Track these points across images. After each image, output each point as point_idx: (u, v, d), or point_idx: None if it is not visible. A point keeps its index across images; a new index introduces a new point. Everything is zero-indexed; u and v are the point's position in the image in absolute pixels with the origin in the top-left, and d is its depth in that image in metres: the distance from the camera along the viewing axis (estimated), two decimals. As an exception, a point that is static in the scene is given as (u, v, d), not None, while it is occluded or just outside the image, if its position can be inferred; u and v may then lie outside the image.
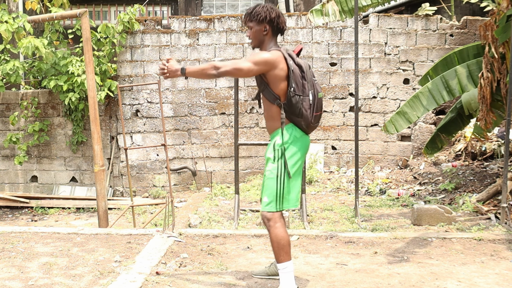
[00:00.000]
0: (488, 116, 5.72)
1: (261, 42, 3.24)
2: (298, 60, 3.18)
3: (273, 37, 3.24)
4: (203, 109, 8.77)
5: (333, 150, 8.79)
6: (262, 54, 3.11)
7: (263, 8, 3.19)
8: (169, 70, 3.16)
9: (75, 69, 8.09)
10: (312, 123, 3.17)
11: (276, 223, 3.06)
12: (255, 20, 3.19)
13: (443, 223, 5.36)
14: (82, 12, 5.95)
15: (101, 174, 5.98)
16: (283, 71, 3.10)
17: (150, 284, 3.41)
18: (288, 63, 3.12)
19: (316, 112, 3.18)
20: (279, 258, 3.06)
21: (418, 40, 8.58)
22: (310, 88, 3.13)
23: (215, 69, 3.09)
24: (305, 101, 3.11)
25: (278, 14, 3.21)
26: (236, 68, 3.09)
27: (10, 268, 3.75)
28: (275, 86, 3.12)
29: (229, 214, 6.29)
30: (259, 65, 3.07)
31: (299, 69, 3.14)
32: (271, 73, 3.10)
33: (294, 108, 3.10)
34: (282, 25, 3.23)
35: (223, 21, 8.72)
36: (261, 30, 3.20)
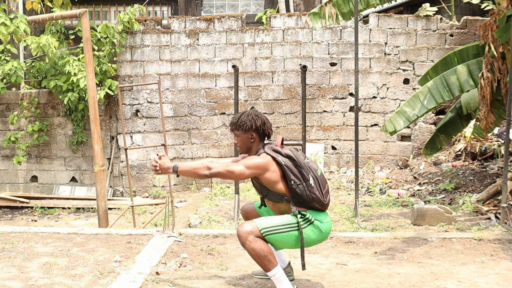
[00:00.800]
0: (489, 116, 5.71)
1: (249, 148, 3.28)
2: (285, 152, 3.18)
3: (261, 141, 3.28)
4: (203, 109, 8.77)
5: (333, 150, 8.79)
6: (254, 159, 3.13)
7: (248, 117, 3.23)
8: (161, 168, 3.17)
9: (72, 69, 8.09)
10: (324, 201, 3.18)
11: (249, 238, 3.04)
12: (241, 129, 3.23)
13: (443, 223, 5.36)
14: (82, 12, 5.95)
15: (101, 174, 5.98)
16: (275, 172, 3.13)
17: (150, 284, 3.41)
18: (278, 161, 3.13)
19: (324, 189, 3.19)
20: (265, 268, 3.06)
21: (418, 40, 8.58)
22: (308, 171, 3.14)
23: (207, 170, 3.11)
24: (309, 186, 3.12)
25: (263, 121, 3.25)
26: (229, 170, 3.11)
27: (10, 268, 3.75)
28: (275, 187, 3.15)
29: (229, 214, 6.28)
30: (251, 169, 3.10)
31: (290, 160, 3.15)
32: (264, 176, 3.12)
33: (303, 197, 3.12)
34: (268, 131, 3.27)
35: (223, 21, 8.72)
36: (248, 138, 3.24)
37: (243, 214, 3.56)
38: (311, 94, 8.70)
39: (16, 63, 8.21)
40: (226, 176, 3.15)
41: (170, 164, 3.17)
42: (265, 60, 8.72)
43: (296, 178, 3.12)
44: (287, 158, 3.16)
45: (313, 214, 3.17)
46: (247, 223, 3.09)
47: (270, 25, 8.72)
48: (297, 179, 3.12)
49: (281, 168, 3.13)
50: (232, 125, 3.28)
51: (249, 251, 3.05)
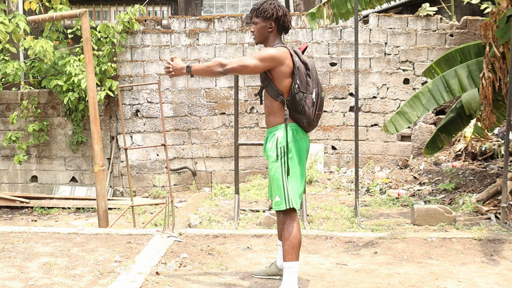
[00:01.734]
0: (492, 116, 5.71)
1: (266, 38, 3.23)
2: (304, 58, 3.18)
3: (278, 34, 3.23)
4: (203, 109, 8.77)
5: (333, 150, 8.79)
6: (268, 50, 3.09)
7: (271, 5, 3.18)
8: (175, 69, 3.14)
9: (72, 69, 8.09)
10: (313, 121, 3.17)
11: (291, 222, 3.07)
12: (262, 16, 3.17)
13: (443, 223, 5.36)
14: (82, 12, 5.95)
15: (101, 174, 5.98)
16: (288, 67, 3.10)
17: (150, 284, 3.41)
18: (293, 60, 3.11)
19: (319, 110, 3.18)
20: (287, 256, 3.07)
21: (418, 40, 8.58)
22: (315, 86, 3.13)
23: (221, 66, 3.06)
24: (308, 99, 3.10)
25: (285, 13, 3.20)
26: (242, 65, 3.07)
27: (10, 268, 3.75)
28: (280, 82, 3.11)
29: (229, 214, 6.29)
30: (265, 62, 3.06)
31: (304, 66, 3.14)
32: (277, 69, 3.09)
33: (297, 105, 3.10)
34: (287, 24, 3.22)
35: (223, 21, 8.72)
36: (266, 27, 3.19)
37: None
38: (311, 94, 8.69)
39: (16, 63, 8.22)
40: (241, 71, 3.10)
41: (183, 64, 3.13)
42: (265, 60, 8.70)
43: (301, 84, 3.09)
44: (303, 64, 3.14)
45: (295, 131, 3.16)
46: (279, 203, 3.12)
47: (270, 25, 8.71)
48: (302, 86, 3.10)
49: (293, 68, 3.09)
50: (253, 12, 3.21)
51: (284, 234, 3.09)
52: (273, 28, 3.19)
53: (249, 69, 3.08)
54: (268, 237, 4.59)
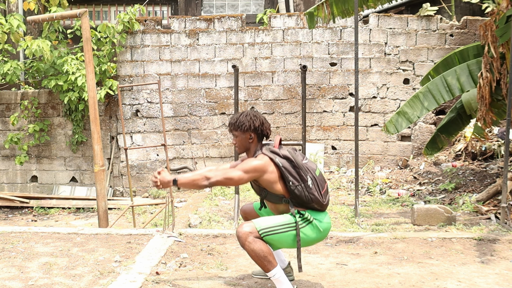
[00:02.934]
0: (487, 116, 5.72)
1: (247, 149, 3.27)
2: (283, 152, 3.17)
3: (259, 142, 3.27)
4: (203, 109, 8.77)
5: (333, 150, 8.79)
6: (251, 162, 3.12)
7: (247, 117, 3.22)
8: (162, 182, 3.18)
9: (70, 68, 8.09)
10: (323, 202, 3.18)
11: (248, 239, 3.04)
12: (240, 129, 3.22)
13: (443, 223, 5.36)
14: (82, 12, 5.95)
15: (101, 174, 5.97)
16: (274, 173, 3.12)
17: (150, 284, 3.41)
18: (276, 163, 3.12)
19: (322, 189, 3.19)
20: (264, 268, 3.06)
21: (418, 40, 8.58)
22: (306, 172, 3.14)
23: (206, 180, 3.11)
24: (308, 186, 3.12)
25: (261, 122, 3.23)
26: (227, 177, 3.11)
27: (10, 268, 3.75)
28: (274, 188, 3.14)
29: (229, 214, 6.28)
30: (249, 173, 3.10)
31: (287, 161, 3.14)
32: (263, 178, 3.12)
33: (302, 198, 3.12)
34: (266, 131, 3.26)
35: (223, 21, 8.72)
36: (246, 138, 3.24)
37: (242, 215, 3.56)
38: (311, 94, 8.70)
39: (14, 63, 8.22)
40: (226, 183, 3.16)
41: (169, 177, 3.18)
42: (265, 60, 8.72)
43: (294, 179, 3.12)
44: (284, 159, 3.15)
45: (312, 214, 3.17)
46: (246, 223, 3.09)
47: (270, 25, 8.72)
48: (295, 180, 3.11)
49: (279, 169, 3.13)
50: (231, 126, 3.28)
51: (248, 252, 3.05)
52: (253, 138, 3.24)
53: (233, 181, 3.13)
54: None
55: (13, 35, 8.03)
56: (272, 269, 3.05)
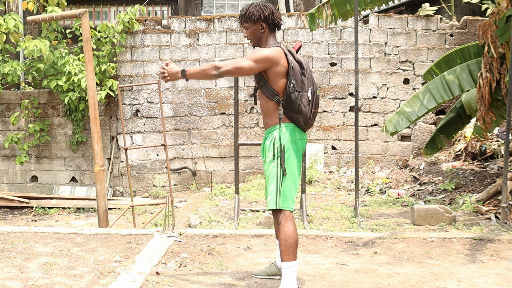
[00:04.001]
0: (487, 116, 5.72)
1: (260, 40, 3.24)
2: (298, 57, 3.18)
3: (271, 33, 3.24)
4: (203, 109, 8.77)
5: (333, 150, 8.79)
6: (263, 51, 3.11)
7: (256, 7, 3.19)
8: (170, 73, 3.16)
9: (72, 68, 8.09)
10: (310, 120, 3.18)
11: (287, 222, 3.08)
12: (250, 20, 3.19)
13: (443, 223, 5.36)
14: (82, 12, 5.95)
15: (101, 174, 5.97)
16: (283, 67, 3.11)
17: (150, 284, 3.41)
18: (288, 59, 3.12)
19: (315, 109, 3.19)
20: (284, 256, 3.07)
21: (418, 40, 8.58)
22: (310, 84, 3.14)
23: (216, 69, 3.09)
24: (304, 98, 3.11)
25: (272, 11, 3.21)
26: (237, 67, 3.09)
27: (10, 268, 3.75)
28: (275, 82, 3.12)
29: (229, 214, 6.29)
30: (260, 63, 3.07)
31: (299, 65, 3.15)
32: (272, 69, 3.10)
33: (293, 104, 3.11)
34: (277, 21, 3.23)
35: (223, 21, 8.72)
36: (257, 29, 3.21)
37: None
38: (311, 94, 8.69)
39: (15, 63, 8.22)
40: (236, 73, 3.14)
41: (178, 68, 3.15)
42: (265, 60, 8.70)
43: (296, 83, 3.10)
44: (297, 63, 3.14)
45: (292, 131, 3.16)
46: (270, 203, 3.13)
47: (270, 25, 8.71)
48: (297, 85, 3.10)
49: (288, 67, 3.10)
50: (241, 18, 3.23)
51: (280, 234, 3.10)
52: (265, 28, 3.21)
53: (244, 71, 3.11)
54: (268, 237, 4.59)
55: (12, 35, 8.03)
56: (290, 261, 3.10)
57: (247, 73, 3.13)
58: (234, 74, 3.16)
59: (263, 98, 3.25)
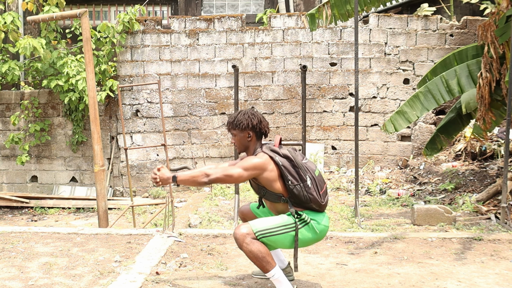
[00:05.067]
0: (486, 116, 5.72)
1: (246, 147, 3.28)
2: (283, 152, 3.17)
3: (258, 141, 3.27)
4: (203, 109, 8.77)
5: (333, 150, 8.79)
6: (251, 159, 3.12)
7: (244, 116, 3.22)
8: (161, 179, 3.19)
9: (70, 70, 8.09)
10: (322, 202, 3.17)
11: (245, 240, 3.04)
12: (238, 128, 3.23)
13: (443, 223, 5.36)
14: (82, 12, 5.95)
15: (101, 174, 5.97)
16: (273, 171, 3.12)
17: (150, 284, 3.41)
18: (276, 162, 3.12)
19: (321, 190, 3.18)
20: (263, 269, 3.06)
21: (418, 40, 8.58)
22: (305, 172, 3.13)
23: (206, 177, 3.11)
24: (307, 187, 3.12)
25: (259, 120, 3.24)
26: (227, 174, 3.11)
27: (10, 268, 3.75)
28: (273, 186, 3.14)
29: (229, 214, 6.29)
30: (249, 171, 3.10)
31: (287, 160, 3.15)
32: (263, 176, 3.12)
33: (300, 197, 3.12)
34: (265, 129, 3.26)
35: (223, 21, 8.72)
36: (245, 137, 3.24)
37: (240, 216, 3.56)
38: (311, 94, 8.71)
39: (13, 63, 8.22)
40: (225, 180, 3.17)
41: (169, 174, 3.19)
42: (265, 60, 8.72)
43: (293, 178, 3.12)
44: (284, 158, 3.15)
45: (310, 214, 3.17)
46: (243, 225, 3.09)
47: (270, 25, 8.72)
48: (294, 179, 3.11)
49: (278, 168, 3.13)
50: (229, 125, 3.28)
51: (246, 253, 3.05)
52: (252, 137, 3.24)
53: (233, 178, 3.13)
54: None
55: (11, 34, 8.03)
56: (271, 270, 3.05)
57: (236, 180, 3.15)
58: (223, 182, 3.18)
59: (270, 204, 3.28)
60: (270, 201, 3.23)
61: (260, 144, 3.27)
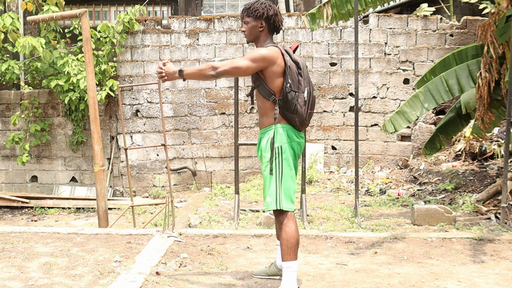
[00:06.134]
0: (486, 116, 5.72)
1: (257, 37, 3.24)
2: (295, 57, 3.18)
3: (269, 34, 3.25)
4: (203, 109, 8.77)
5: (333, 150, 8.79)
6: (260, 50, 3.11)
7: (261, 5, 3.20)
8: (167, 73, 3.16)
9: (71, 69, 8.09)
10: (305, 120, 3.18)
11: (288, 222, 3.09)
12: (253, 15, 3.19)
13: (443, 223, 5.36)
14: (82, 12, 5.95)
15: (101, 174, 5.98)
16: (280, 67, 3.11)
17: (150, 284, 3.41)
18: (285, 59, 3.12)
19: (311, 109, 3.19)
20: (284, 256, 3.08)
21: (418, 40, 8.58)
22: (306, 85, 3.14)
23: (213, 70, 3.08)
24: (300, 98, 3.11)
25: (276, 12, 3.22)
26: (234, 66, 3.08)
27: (10, 268, 3.75)
28: (271, 82, 3.13)
29: (229, 214, 6.29)
30: (257, 62, 3.07)
31: (295, 65, 3.15)
32: (269, 69, 3.10)
33: (289, 104, 3.11)
34: (278, 24, 3.23)
35: (223, 21, 8.72)
36: (257, 26, 3.21)
37: None
38: (311, 94, 8.69)
39: (12, 62, 8.22)
40: (233, 73, 3.13)
41: (175, 68, 3.15)
42: (265, 60, 8.71)
43: (293, 83, 3.10)
44: (294, 63, 3.14)
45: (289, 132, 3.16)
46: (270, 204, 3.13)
47: (270, 25, 8.71)
48: (294, 85, 3.11)
49: (284, 67, 3.10)
50: (244, 11, 3.23)
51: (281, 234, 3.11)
52: (264, 28, 3.21)
53: (241, 71, 3.10)
54: (268, 237, 4.59)
55: (10, 34, 8.03)
56: (291, 261, 3.11)
57: (244, 72, 3.12)
58: (231, 74, 3.15)
59: (259, 98, 3.25)
60: (261, 95, 3.20)
61: (271, 39, 3.24)
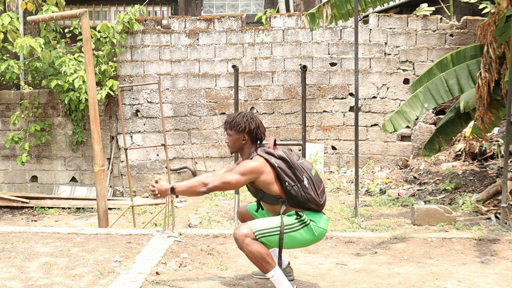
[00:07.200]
0: (485, 116, 5.72)
1: (240, 149, 3.27)
2: (278, 153, 3.17)
3: (252, 144, 3.26)
4: (203, 109, 8.77)
5: (333, 150, 8.79)
6: (248, 164, 3.11)
7: (243, 118, 3.22)
8: (160, 191, 3.15)
9: (67, 69, 8.09)
10: (320, 202, 3.17)
11: (245, 241, 3.04)
12: (235, 129, 3.22)
13: (443, 223, 5.36)
14: (82, 12, 5.95)
15: (101, 174, 5.97)
16: (270, 174, 3.12)
17: (150, 284, 3.41)
18: (271, 163, 3.12)
19: (319, 189, 3.18)
20: (263, 269, 3.07)
21: (418, 40, 8.58)
22: (302, 172, 3.13)
23: (204, 186, 3.09)
24: (304, 187, 3.11)
25: (257, 125, 3.23)
26: (224, 181, 3.10)
27: (10, 268, 3.75)
28: (270, 189, 3.14)
29: (229, 214, 6.29)
30: (246, 175, 3.09)
31: (283, 162, 3.14)
32: (260, 179, 3.11)
33: (298, 198, 3.11)
34: (261, 136, 3.25)
35: (223, 21, 8.72)
36: (240, 139, 3.23)
37: (238, 217, 3.56)
38: (311, 94, 8.71)
39: (12, 62, 8.22)
40: (224, 188, 3.15)
41: (167, 186, 3.16)
42: (265, 60, 8.72)
43: (290, 179, 3.11)
44: (280, 160, 3.14)
45: (309, 215, 3.16)
46: (243, 225, 3.09)
47: (270, 25, 8.72)
48: (291, 180, 3.11)
49: (274, 170, 3.12)
50: (226, 124, 3.27)
51: (246, 254, 3.06)
52: (247, 140, 3.23)
53: (231, 185, 3.12)
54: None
55: (10, 34, 8.03)
56: (271, 270, 3.06)
57: (234, 186, 3.14)
58: (222, 189, 3.16)
59: (268, 206, 3.27)
60: (268, 203, 3.23)
61: (255, 147, 3.26)
